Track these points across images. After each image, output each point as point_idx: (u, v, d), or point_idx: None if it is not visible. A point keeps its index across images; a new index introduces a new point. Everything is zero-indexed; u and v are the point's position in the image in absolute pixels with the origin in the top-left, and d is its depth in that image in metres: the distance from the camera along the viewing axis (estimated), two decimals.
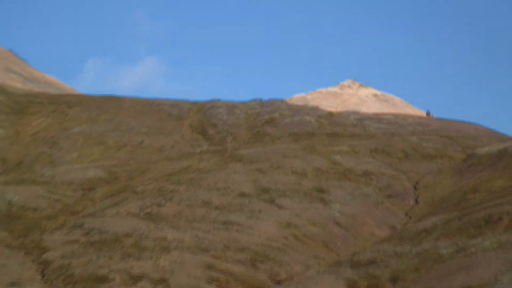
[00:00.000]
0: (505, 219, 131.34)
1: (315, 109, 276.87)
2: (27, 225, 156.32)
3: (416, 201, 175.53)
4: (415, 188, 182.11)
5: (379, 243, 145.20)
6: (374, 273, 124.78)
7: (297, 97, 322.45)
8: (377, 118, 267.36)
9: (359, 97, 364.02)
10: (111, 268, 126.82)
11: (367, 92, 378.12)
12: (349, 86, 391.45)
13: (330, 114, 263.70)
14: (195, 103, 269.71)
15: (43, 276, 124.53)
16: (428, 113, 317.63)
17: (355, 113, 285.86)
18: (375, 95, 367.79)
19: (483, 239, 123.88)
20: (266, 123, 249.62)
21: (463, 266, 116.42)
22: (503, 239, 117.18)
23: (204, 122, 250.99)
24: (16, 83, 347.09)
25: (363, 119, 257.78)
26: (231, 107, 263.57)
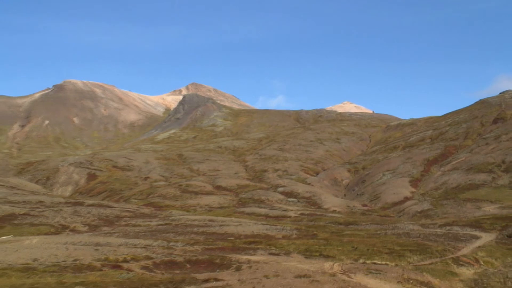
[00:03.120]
0: (400, 146, 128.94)
1: (335, 112, 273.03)
2: (239, 153, 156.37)
3: (370, 141, 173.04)
4: (369, 137, 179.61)
5: (357, 156, 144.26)
6: (356, 166, 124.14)
7: (328, 108, 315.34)
8: (356, 113, 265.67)
9: (349, 107, 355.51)
10: (267, 167, 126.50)
11: (352, 105, 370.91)
12: (345, 104, 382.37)
13: (340, 113, 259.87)
14: (295, 110, 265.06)
15: (245, 170, 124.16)
16: (373, 112, 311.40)
17: (348, 112, 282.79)
18: (355, 106, 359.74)
19: (393, 154, 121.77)
20: (319, 116, 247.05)
21: (386, 162, 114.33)
22: (400, 154, 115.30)
23: (298, 117, 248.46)
24: (234, 106, 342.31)
25: (351, 114, 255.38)
26: (307, 111, 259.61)
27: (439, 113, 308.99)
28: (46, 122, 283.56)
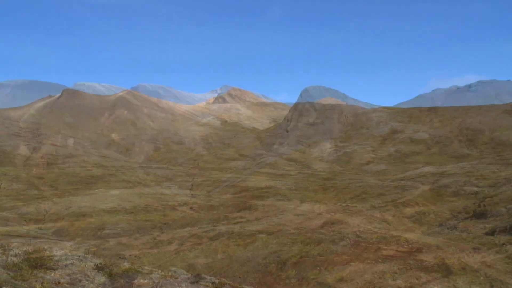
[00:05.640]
0: (365, 126, 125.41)
1: (320, 103, 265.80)
2: (256, 132, 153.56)
3: (345, 123, 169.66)
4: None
5: (336, 133, 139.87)
6: (336, 140, 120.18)
7: (318, 101, 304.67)
8: (335, 104, 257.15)
9: (330, 101, 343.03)
10: (275, 141, 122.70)
11: (331, 99, 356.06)
12: (327, 99, 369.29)
13: (324, 105, 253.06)
14: (295, 104, 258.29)
15: (260, 143, 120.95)
16: (346, 103, 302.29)
17: (329, 104, 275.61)
18: (334, 99, 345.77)
19: (361, 131, 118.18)
20: (311, 106, 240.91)
21: (356, 137, 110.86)
22: (366, 131, 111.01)
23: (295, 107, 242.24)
24: (252, 100, 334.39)
25: (332, 104, 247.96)
26: (304, 104, 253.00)
27: (393, 103, 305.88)
28: (125, 112, 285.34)
